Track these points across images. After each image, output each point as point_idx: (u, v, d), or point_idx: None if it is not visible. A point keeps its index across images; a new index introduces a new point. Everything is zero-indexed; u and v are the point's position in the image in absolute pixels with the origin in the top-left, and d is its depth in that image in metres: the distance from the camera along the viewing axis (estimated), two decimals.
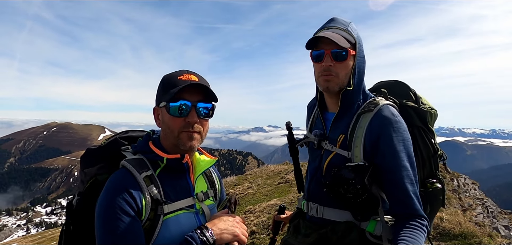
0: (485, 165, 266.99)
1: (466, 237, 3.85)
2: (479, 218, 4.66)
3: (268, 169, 11.80)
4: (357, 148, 1.39)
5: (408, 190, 1.30)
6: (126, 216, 1.09)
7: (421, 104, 1.51)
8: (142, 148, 1.26)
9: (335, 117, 1.50)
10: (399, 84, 1.59)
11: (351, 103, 1.47)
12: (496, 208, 5.74)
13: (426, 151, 1.49)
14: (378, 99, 1.44)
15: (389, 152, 1.33)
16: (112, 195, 1.12)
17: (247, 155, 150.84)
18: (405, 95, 1.54)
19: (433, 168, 1.50)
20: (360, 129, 1.40)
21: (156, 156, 1.22)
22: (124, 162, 1.19)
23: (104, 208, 1.11)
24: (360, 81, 1.47)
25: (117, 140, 1.34)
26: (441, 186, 1.49)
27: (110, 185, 1.15)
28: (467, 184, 6.96)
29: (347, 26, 1.45)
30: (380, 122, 1.36)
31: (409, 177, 1.32)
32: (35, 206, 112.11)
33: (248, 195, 8.51)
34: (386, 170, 1.34)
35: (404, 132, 1.36)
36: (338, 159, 1.46)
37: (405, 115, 1.46)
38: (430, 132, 1.51)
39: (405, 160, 1.32)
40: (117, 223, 1.08)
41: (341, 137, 1.47)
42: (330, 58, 1.39)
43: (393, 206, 1.34)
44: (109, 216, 1.10)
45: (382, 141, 1.34)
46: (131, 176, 1.16)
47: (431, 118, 1.52)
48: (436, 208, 1.54)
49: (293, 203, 6.17)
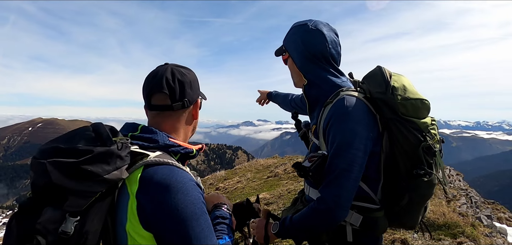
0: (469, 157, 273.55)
1: (450, 227, 3.94)
2: (463, 209, 4.77)
3: (258, 163, 11.82)
4: (321, 137, 1.50)
5: (325, 177, 1.40)
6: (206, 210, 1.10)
7: (391, 94, 1.40)
8: (169, 143, 1.19)
9: (309, 109, 1.66)
10: (374, 74, 1.52)
11: (315, 96, 1.60)
12: (480, 198, 5.89)
13: (406, 143, 1.41)
14: (344, 91, 1.47)
15: (330, 141, 1.42)
16: (196, 192, 1.08)
17: (236, 149, 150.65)
18: (378, 86, 1.46)
19: (420, 160, 1.41)
20: (322, 119, 1.49)
21: (185, 149, 1.22)
22: (177, 164, 1.14)
23: (198, 206, 1.06)
24: (314, 76, 1.55)
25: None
26: (426, 179, 1.42)
27: (188, 184, 1.07)
28: (451, 175, 7.12)
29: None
30: (332, 112, 1.42)
31: (330, 166, 1.38)
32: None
33: (237, 189, 8.52)
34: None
35: (348, 121, 1.38)
36: (313, 146, 1.61)
37: (375, 107, 1.46)
38: (409, 122, 1.40)
39: (336, 149, 1.38)
40: (207, 216, 1.08)
41: (313, 127, 1.61)
42: (284, 63, 1.70)
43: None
44: (202, 212, 1.06)
45: (328, 130, 1.43)
46: (186, 172, 1.14)
47: (406, 109, 1.40)
48: (417, 199, 1.47)
49: (282, 196, 6.21)
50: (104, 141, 1.01)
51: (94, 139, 1.01)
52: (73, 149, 0.96)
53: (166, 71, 1.23)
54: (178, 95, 1.22)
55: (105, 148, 0.99)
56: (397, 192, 1.48)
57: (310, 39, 1.53)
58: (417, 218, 1.53)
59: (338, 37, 1.58)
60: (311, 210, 1.40)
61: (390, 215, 1.53)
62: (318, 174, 1.41)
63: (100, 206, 1.00)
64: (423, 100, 1.43)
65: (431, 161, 1.42)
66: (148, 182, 1.04)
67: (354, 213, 1.46)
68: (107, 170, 0.98)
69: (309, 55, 1.53)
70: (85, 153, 0.95)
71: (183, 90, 1.23)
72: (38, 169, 0.93)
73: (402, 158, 1.44)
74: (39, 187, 0.94)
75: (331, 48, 1.53)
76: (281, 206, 5.62)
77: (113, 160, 1.00)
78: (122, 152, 1.03)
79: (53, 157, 0.94)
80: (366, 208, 1.48)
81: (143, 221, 1.01)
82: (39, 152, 0.98)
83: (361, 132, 1.38)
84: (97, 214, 0.98)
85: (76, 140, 1.00)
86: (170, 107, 1.22)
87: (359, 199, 1.46)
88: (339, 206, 1.35)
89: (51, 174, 0.90)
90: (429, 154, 1.41)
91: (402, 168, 1.45)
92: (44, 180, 0.91)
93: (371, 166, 1.46)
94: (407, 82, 1.46)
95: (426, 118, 1.44)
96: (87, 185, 0.94)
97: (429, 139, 1.41)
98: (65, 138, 1.03)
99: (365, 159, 1.39)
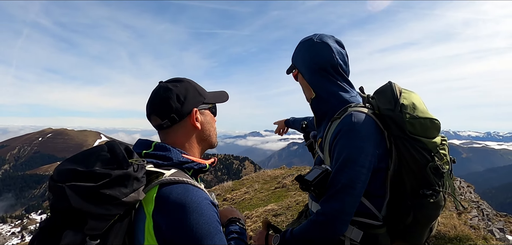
0: (480, 168, 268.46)
1: (461, 240, 3.87)
2: (474, 221, 4.69)
3: (265, 173, 11.77)
4: (326, 151, 1.50)
5: (327, 191, 1.39)
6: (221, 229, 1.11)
7: (400, 112, 1.39)
8: (183, 160, 1.20)
9: (316, 122, 1.67)
10: (384, 90, 1.51)
11: (323, 111, 1.59)
12: (491, 211, 5.77)
13: (413, 162, 1.38)
14: (352, 107, 1.47)
15: (336, 156, 1.41)
16: (211, 211, 1.08)
17: (243, 160, 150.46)
18: (388, 102, 1.45)
19: (428, 180, 1.38)
20: (329, 134, 1.49)
21: (198, 164, 1.24)
22: (192, 181, 1.14)
23: (213, 225, 1.06)
24: (323, 90, 1.56)
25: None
26: (432, 200, 1.38)
27: (203, 203, 1.08)
28: (462, 187, 7.01)
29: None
30: (340, 128, 1.42)
31: (332, 180, 1.38)
32: (30, 213, 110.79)
33: (245, 200, 8.49)
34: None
35: (355, 138, 1.37)
36: (318, 159, 1.62)
37: (384, 123, 1.45)
38: (416, 141, 1.38)
39: (340, 164, 1.37)
40: (222, 235, 1.09)
41: (319, 140, 1.62)
42: (295, 80, 1.72)
43: None
44: (217, 231, 1.07)
45: (335, 146, 1.43)
46: (202, 191, 1.14)
47: (414, 128, 1.38)
48: (421, 220, 1.44)
49: (290, 208, 6.18)
50: (121, 162, 1.01)
51: (110, 160, 1.01)
52: (91, 172, 0.95)
53: (155, 91, 1.28)
54: (164, 113, 1.23)
55: (122, 170, 0.99)
56: (402, 211, 1.46)
57: (316, 52, 1.54)
58: (421, 238, 1.50)
59: (344, 48, 1.59)
60: (311, 223, 1.39)
61: (394, 233, 1.50)
62: (321, 188, 1.40)
63: (119, 228, 1.00)
64: (433, 119, 1.39)
65: (439, 181, 1.40)
66: (164, 201, 1.04)
67: (354, 228, 1.44)
68: (125, 193, 0.98)
69: (317, 68, 1.55)
70: (103, 177, 0.95)
71: (168, 106, 1.23)
72: (57, 192, 0.93)
73: (409, 176, 1.41)
74: (59, 210, 0.95)
75: (338, 58, 1.53)
76: (289, 217, 5.59)
77: (130, 183, 1.00)
78: (138, 173, 1.03)
79: (71, 180, 0.93)
80: (368, 224, 1.46)
81: (160, 241, 1.02)
82: (56, 173, 0.98)
83: (367, 149, 1.37)
84: (116, 236, 0.99)
85: (92, 161, 0.99)
86: (161, 126, 1.24)
87: (360, 214, 1.45)
88: (338, 220, 1.34)
89: (71, 198, 0.91)
90: (437, 175, 1.39)
91: (408, 187, 1.42)
92: (64, 204, 0.92)
93: (376, 183, 1.44)
94: (418, 100, 1.44)
95: (435, 138, 1.41)
96: (106, 208, 0.95)
97: (437, 160, 1.38)
98: (81, 157, 1.02)
99: (369, 176, 1.38)
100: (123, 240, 1.02)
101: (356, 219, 1.44)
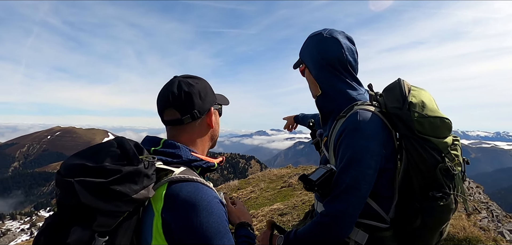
0: (489, 168, 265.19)
1: (471, 242, 3.81)
2: (484, 222, 4.62)
3: (271, 172, 11.75)
4: (331, 150, 1.46)
5: (331, 191, 1.36)
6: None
7: (408, 111, 1.33)
8: (192, 158, 1.20)
9: (322, 120, 1.62)
10: (393, 87, 1.44)
11: (329, 109, 1.55)
12: (501, 212, 5.68)
13: (421, 162, 1.33)
14: (358, 105, 1.42)
15: (340, 155, 1.37)
16: (220, 211, 1.08)
17: (250, 159, 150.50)
18: (396, 100, 1.39)
19: (438, 181, 1.32)
20: (334, 133, 1.44)
21: (207, 163, 1.23)
22: (201, 180, 1.13)
23: (222, 224, 1.06)
24: (330, 86, 1.51)
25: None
26: (442, 203, 1.32)
27: (213, 202, 1.08)
28: (471, 187, 6.91)
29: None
30: (345, 127, 1.37)
31: (336, 181, 1.35)
32: (38, 210, 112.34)
33: (251, 199, 8.49)
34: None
35: (360, 137, 1.33)
36: (323, 158, 1.58)
37: (392, 122, 1.41)
38: (425, 141, 1.32)
39: (345, 164, 1.33)
40: (231, 236, 1.09)
41: (325, 139, 1.57)
42: (302, 75, 1.67)
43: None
44: (226, 231, 1.07)
45: (339, 145, 1.39)
46: (211, 189, 1.14)
47: (423, 127, 1.32)
48: (430, 223, 1.38)
49: (296, 207, 6.16)
50: (131, 159, 0.99)
51: (120, 156, 0.99)
52: (101, 168, 0.93)
53: (173, 85, 1.24)
54: (186, 108, 1.22)
55: (133, 167, 0.97)
56: (410, 213, 1.40)
57: (325, 47, 1.49)
58: (430, 242, 1.43)
59: (354, 45, 1.54)
60: (315, 225, 1.35)
61: (402, 236, 1.44)
62: (325, 188, 1.37)
63: (128, 225, 0.99)
64: (443, 118, 1.32)
65: (450, 184, 1.32)
66: (173, 199, 1.03)
67: (359, 231, 1.39)
68: (135, 189, 0.96)
69: (325, 63, 1.50)
70: (114, 173, 0.93)
71: (191, 102, 1.22)
72: (65, 187, 0.90)
73: (417, 177, 1.36)
74: (67, 206, 0.91)
75: (347, 55, 1.48)
76: (295, 216, 5.57)
77: (140, 179, 0.98)
78: (148, 170, 1.01)
79: (80, 175, 0.91)
80: (374, 227, 1.41)
81: (169, 239, 1.00)
82: (64, 168, 0.95)
83: (372, 149, 1.32)
84: (125, 234, 0.97)
85: (102, 157, 0.97)
86: (180, 121, 1.22)
87: (366, 216, 1.40)
88: (342, 222, 1.30)
89: (80, 193, 0.88)
90: (448, 177, 1.32)
91: (416, 188, 1.37)
92: (72, 200, 0.89)
93: (383, 183, 1.40)
94: (428, 99, 1.38)
95: (446, 138, 1.33)
96: (116, 205, 0.93)
97: (448, 161, 1.31)
98: (90, 152, 0.99)
99: (375, 176, 1.33)
100: (131, 238, 1.01)
101: (362, 221, 1.40)
